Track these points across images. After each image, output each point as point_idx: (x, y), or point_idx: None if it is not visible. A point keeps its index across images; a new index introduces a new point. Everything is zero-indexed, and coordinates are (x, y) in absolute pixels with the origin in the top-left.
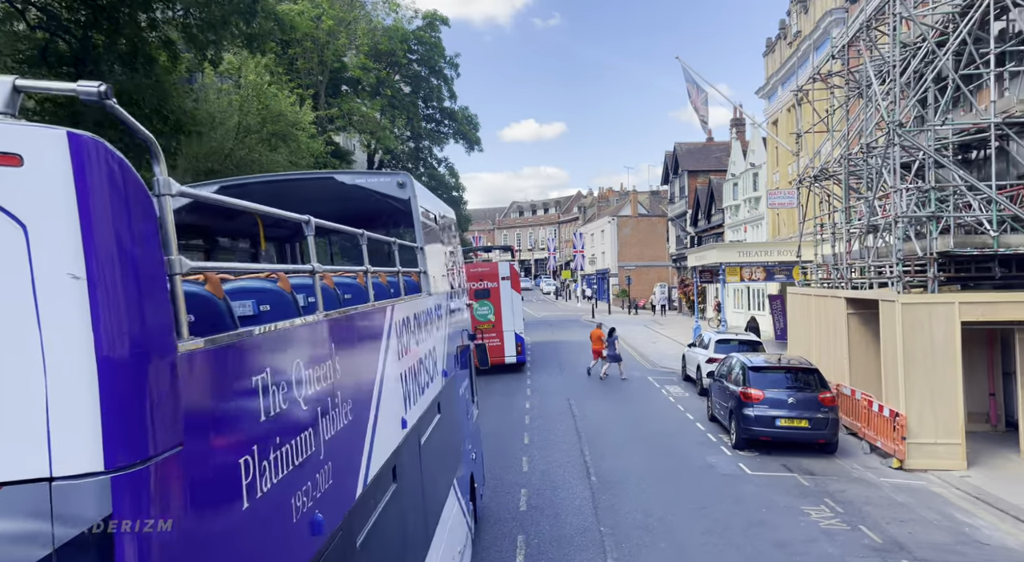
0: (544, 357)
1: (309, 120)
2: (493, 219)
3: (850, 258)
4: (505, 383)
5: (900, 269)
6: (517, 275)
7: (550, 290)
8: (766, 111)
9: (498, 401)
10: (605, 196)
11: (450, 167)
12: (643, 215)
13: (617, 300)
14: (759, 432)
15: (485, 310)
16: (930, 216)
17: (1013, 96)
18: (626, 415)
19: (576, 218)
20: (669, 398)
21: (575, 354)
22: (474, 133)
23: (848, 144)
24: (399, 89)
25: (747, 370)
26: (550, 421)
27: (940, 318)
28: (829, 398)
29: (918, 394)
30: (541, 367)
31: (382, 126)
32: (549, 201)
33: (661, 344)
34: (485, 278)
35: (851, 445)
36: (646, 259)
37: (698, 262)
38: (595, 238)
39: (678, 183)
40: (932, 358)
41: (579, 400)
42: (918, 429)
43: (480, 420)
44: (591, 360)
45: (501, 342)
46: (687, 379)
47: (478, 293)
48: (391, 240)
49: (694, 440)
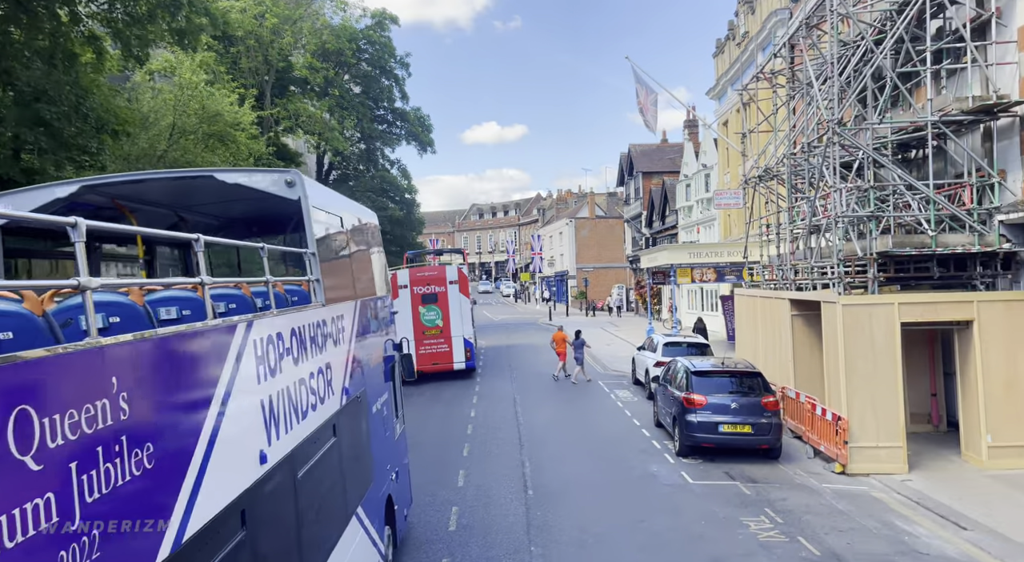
0: (496, 362)
1: (250, 120)
2: (453, 222)
3: (794, 259)
4: (452, 390)
5: (841, 270)
6: (466, 279)
7: (510, 293)
8: (717, 112)
9: (442, 410)
10: (564, 198)
11: (403, 169)
12: (600, 217)
13: (575, 302)
14: (702, 438)
15: (432, 315)
16: (870, 216)
17: (950, 94)
18: (572, 422)
19: (536, 220)
20: (617, 403)
21: (528, 358)
22: (426, 135)
23: (791, 143)
24: (348, 89)
25: (690, 375)
26: (493, 430)
27: (880, 319)
28: (772, 402)
29: (859, 397)
30: (492, 372)
31: (330, 127)
32: (509, 203)
33: (615, 346)
34: (432, 282)
35: (795, 449)
36: (604, 261)
37: (650, 263)
38: (553, 240)
39: (633, 184)
40: (873, 360)
41: (526, 406)
42: (860, 433)
43: (420, 432)
44: (544, 363)
45: (449, 348)
46: (637, 383)
47: (425, 298)
48: (257, 245)
49: (638, 447)
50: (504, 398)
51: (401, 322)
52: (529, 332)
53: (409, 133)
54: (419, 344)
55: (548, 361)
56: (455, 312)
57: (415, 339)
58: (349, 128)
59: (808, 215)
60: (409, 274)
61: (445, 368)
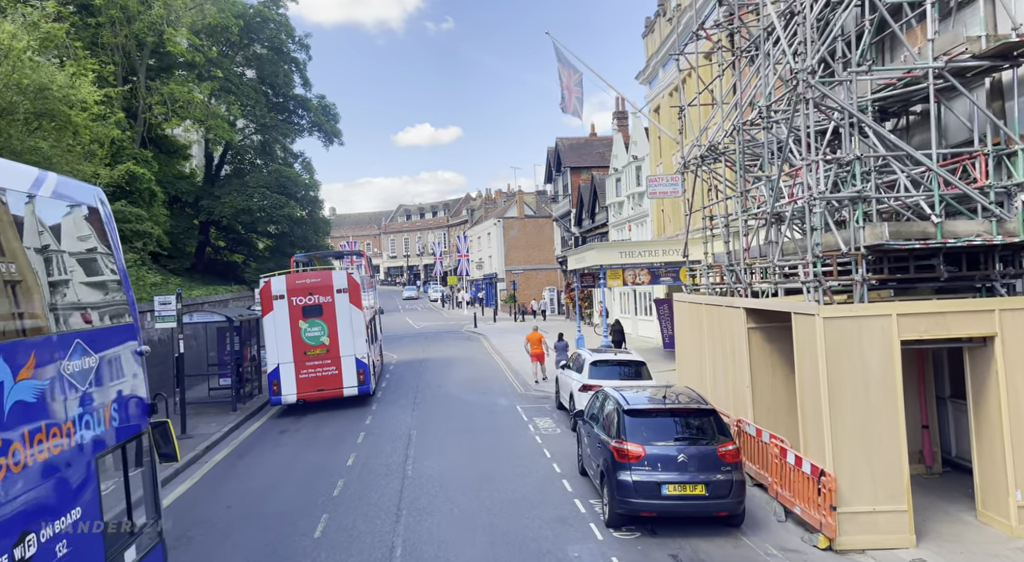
0: (403, 382)
1: (94, 98)
2: (379, 223)
3: (749, 257)
4: (336, 425)
5: (819, 270)
6: (358, 286)
7: (437, 297)
8: (647, 97)
9: (313, 456)
10: (493, 198)
11: (307, 163)
12: (530, 216)
13: (504, 306)
14: (640, 506)
15: (316, 331)
16: (854, 197)
17: (960, 30)
18: (476, 471)
19: (465, 221)
20: (536, 438)
21: (440, 376)
22: (332, 124)
23: (740, 113)
24: (239, 73)
25: (623, 415)
26: (368, 488)
27: (873, 336)
28: (732, 452)
29: (849, 443)
30: (394, 397)
31: (213, 113)
32: (437, 204)
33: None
34: (315, 291)
35: (758, 506)
36: (534, 262)
37: (578, 265)
38: (481, 241)
39: (561, 181)
40: (865, 392)
41: (422, 447)
42: (851, 493)
43: (269, 494)
44: (457, 383)
45: (338, 370)
46: (561, 407)
47: (307, 311)
48: None
49: (556, 513)
50: (398, 435)
51: (276, 341)
52: (449, 343)
53: (313, 123)
54: (300, 367)
55: (462, 380)
56: (344, 327)
57: (294, 361)
58: (237, 115)
59: (769, 200)
60: (286, 282)
61: (332, 395)
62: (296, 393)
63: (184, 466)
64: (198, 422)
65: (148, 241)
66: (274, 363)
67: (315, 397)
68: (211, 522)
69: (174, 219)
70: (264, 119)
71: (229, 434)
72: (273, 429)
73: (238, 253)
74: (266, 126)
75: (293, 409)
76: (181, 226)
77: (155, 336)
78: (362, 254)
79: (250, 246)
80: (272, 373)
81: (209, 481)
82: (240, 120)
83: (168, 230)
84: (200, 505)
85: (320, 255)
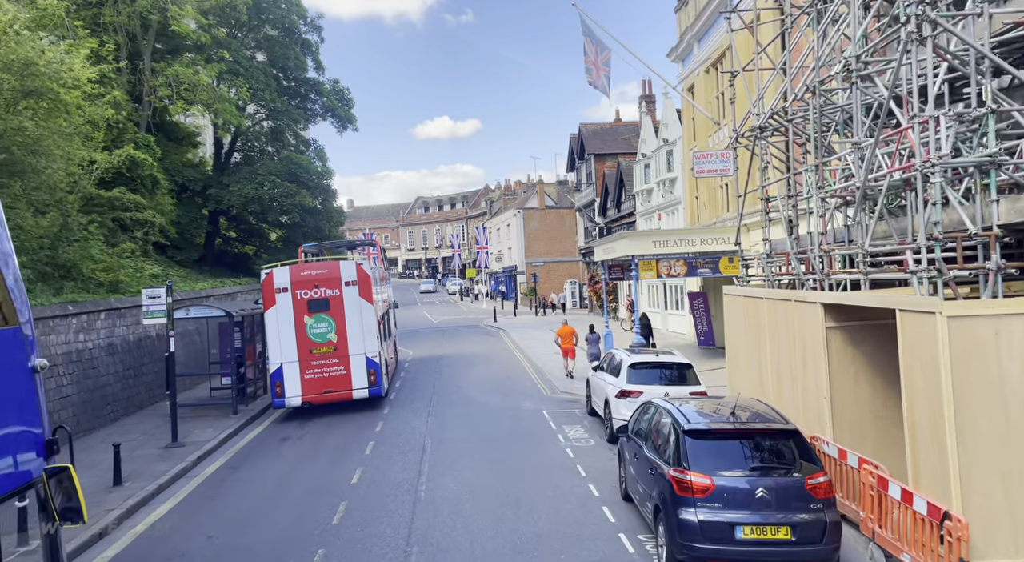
0: (419, 381)
1: (88, 76)
2: (397, 216)
3: (827, 243)
4: (343, 432)
5: (938, 255)
6: (368, 278)
7: (455, 290)
8: (680, 76)
9: (315, 471)
10: (512, 189)
11: (319, 150)
12: (551, 207)
13: (525, 299)
14: (708, 552)
15: (323, 327)
16: (985, 162)
17: None
18: (499, 490)
19: (484, 213)
20: (567, 451)
21: (459, 375)
22: (346, 109)
23: (817, 71)
24: (245, 55)
25: (682, 435)
26: (374, 514)
27: (1016, 340)
28: (823, 485)
29: (982, 477)
30: (408, 398)
31: (220, 96)
32: (456, 196)
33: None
34: (321, 284)
35: (849, 549)
36: (555, 254)
37: (606, 256)
38: (501, 233)
39: (584, 169)
40: (1004, 412)
41: (438, 461)
42: (986, 541)
43: (260, 519)
44: (478, 384)
45: (347, 370)
46: (593, 413)
47: (312, 305)
48: None
49: (598, 553)
50: (411, 446)
51: (279, 338)
52: (468, 338)
53: (326, 108)
54: (305, 367)
55: (483, 380)
56: (354, 322)
57: (299, 360)
58: (246, 99)
59: (858, 171)
60: (289, 273)
61: (340, 397)
62: (301, 395)
63: (169, 481)
64: (193, 427)
65: (150, 231)
66: (277, 362)
67: (322, 399)
68: (187, 557)
69: (182, 208)
70: (275, 104)
71: (226, 441)
72: (274, 436)
73: (249, 244)
74: (277, 112)
75: (298, 412)
76: (189, 216)
77: (153, 333)
78: (375, 244)
79: (262, 237)
80: (275, 373)
81: (194, 501)
82: (250, 105)
83: (175, 220)
84: (178, 533)
85: (330, 245)
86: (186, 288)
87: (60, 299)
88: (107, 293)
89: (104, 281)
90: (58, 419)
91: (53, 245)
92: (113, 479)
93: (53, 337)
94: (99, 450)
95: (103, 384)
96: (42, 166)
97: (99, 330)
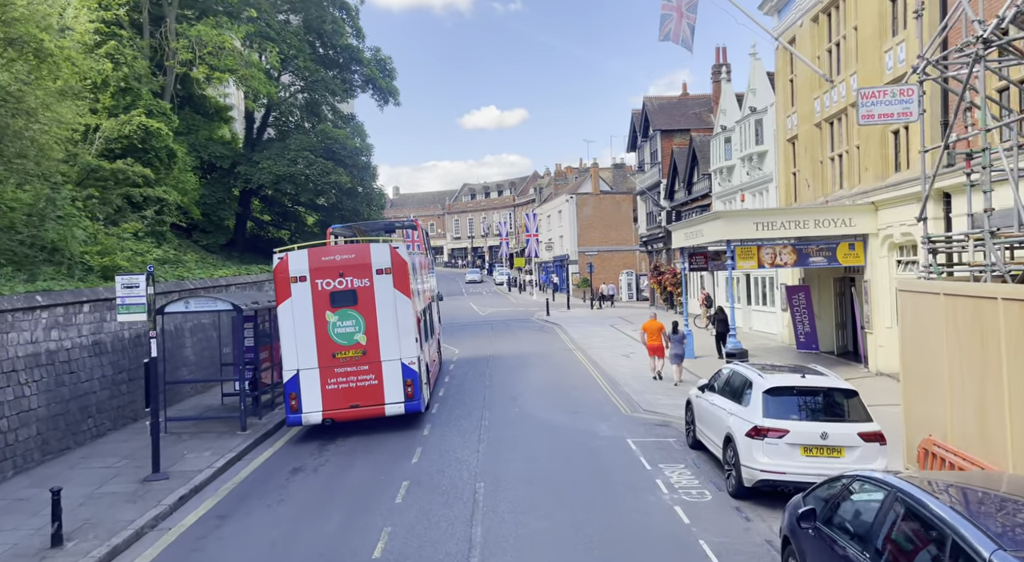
0: (465, 391)
1: (83, 27)
2: (443, 203)
3: None
4: (371, 465)
5: None
6: (405, 265)
7: (502, 281)
8: (775, 29)
9: (324, 533)
10: (563, 174)
11: (358, 126)
12: (606, 192)
13: (577, 291)
14: None
15: (349, 326)
16: None
17: None
18: None
19: (532, 200)
20: (676, 510)
21: (515, 381)
22: (387, 81)
23: None
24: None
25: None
26: None
27: None
28: None
29: None
30: (454, 415)
31: (247, 61)
32: (503, 182)
33: (639, 359)
34: (347, 271)
35: None
36: (610, 243)
37: (689, 241)
38: (552, 220)
39: (648, 148)
40: None
41: (496, 520)
42: None
43: None
44: (538, 393)
45: (378, 380)
46: (698, 446)
47: (335, 298)
48: None
49: None
50: (458, 492)
51: (295, 338)
52: (520, 334)
53: (366, 79)
54: (326, 375)
55: (542, 388)
56: (387, 320)
57: (319, 366)
58: (275, 65)
59: None
60: (308, 258)
61: (371, 413)
62: (322, 410)
63: (128, 542)
64: (188, 448)
65: (166, 210)
66: (292, 369)
67: (347, 416)
68: None
69: (208, 188)
70: (310, 73)
71: (225, 470)
72: (285, 464)
73: (284, 229)
74: (312, 82)
75: (318, 430)
76: (216, 196)
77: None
78: (417, 226)
79: (298, 221)
80: (290, 382)
81: None
82: (284, 76)
83: (200, 200)
84: None
85: (365, 227)
86: (203, 275)
87: (28, 288)
88: (99, 280)
89: (96, 266)
90: (13, 440)
91: (39, 222)
92: (52, 538)
93: (13, 335)
94: (64, 480)
95: (84, 392)
96: (21, 126)
97: (81, 325)
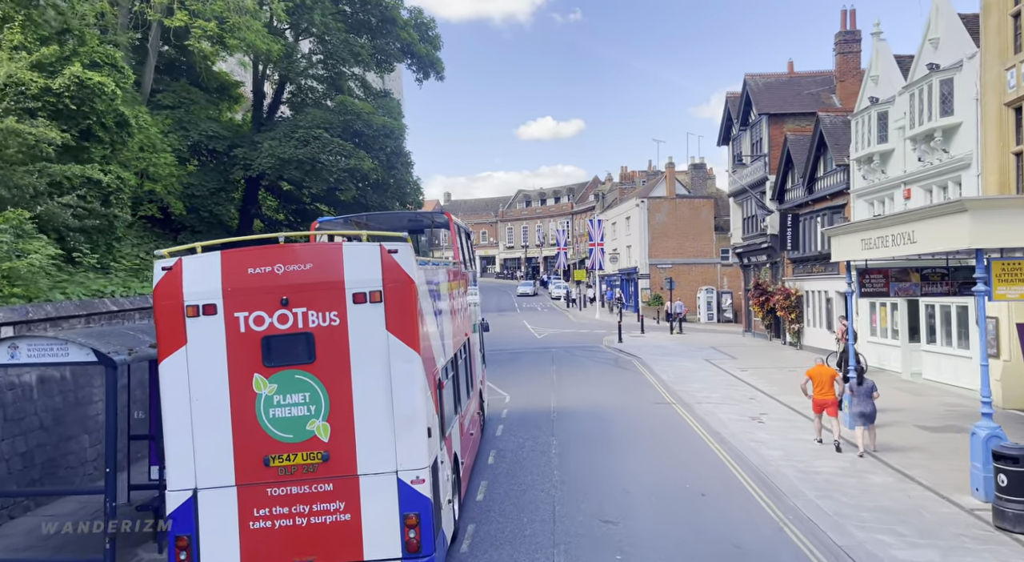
0: (518, 489)
1: None
2: (496, 211)
3: None
4: None
5: None
6: (411, 287)
7: (560, 295)
8: None
9: None
10: (630, 177)
11: (390, 103)
12: (683, 196)
13: (648, 309)
14: None
15: (298, 404)
16: None
17: None
18: None
19: (592, 207)
20: None
21: (600, 474)
22: (427, 48)
23: None
24: None
25: None
26: None
27: None
28: None
29: None
30: (499, 557)
31: (242, 7)
32: (561, 189)
33: (776, 425)
34: (296, 296)
35: None
36: (687, 254)
37: (871, 252)
38: (617, 228)
39: (748, 138)
40: None
41: None
42: None
43: None
44: (650, 504)
45: (353, 514)
46: None
47: (273, 349)
48: None
49: None
50: None
51: (190, 425)
52: (591, 372)
53: (403, 47)
54: (250, 502)
55: (652, 490)
56: (372, 393)
57: (237, 483)
58: (279, 14)
59: None
60: (222, 268)
61: None
62: None
63: None
64: None
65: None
66: (184, 487)
67: None
68: None
69: (200, 176)
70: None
71: None
72: None
73: (302, 228)
74: (334, 46)
75: None
76: (209, 186)
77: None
78: (448, 221)
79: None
80: (178, 513)
81: None
82: (303, 42)
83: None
84: None
85: (375, 220)
86: (74, 293)
87: None
88: None
89: None
90: None
91: None
92: None
93: None
94: None
95: None
96: None
97: None
